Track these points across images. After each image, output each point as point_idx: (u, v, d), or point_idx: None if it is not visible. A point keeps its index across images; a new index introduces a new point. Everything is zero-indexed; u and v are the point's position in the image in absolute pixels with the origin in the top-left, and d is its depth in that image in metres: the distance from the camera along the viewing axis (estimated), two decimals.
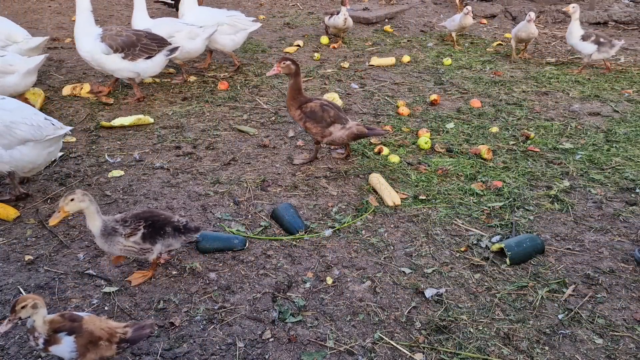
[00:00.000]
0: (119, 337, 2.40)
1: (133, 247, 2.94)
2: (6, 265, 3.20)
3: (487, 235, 3.60)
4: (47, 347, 2.30)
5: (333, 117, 4.28)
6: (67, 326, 2.33)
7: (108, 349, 2.37)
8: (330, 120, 4.27)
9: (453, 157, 4.63)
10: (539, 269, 3.33)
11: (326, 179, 4.27)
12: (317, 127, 4.27)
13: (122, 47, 5.28)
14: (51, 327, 2.31)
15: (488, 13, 9.67)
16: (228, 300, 3.02)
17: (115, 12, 9.24)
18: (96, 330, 2.36)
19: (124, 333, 2.42)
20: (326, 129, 4.28)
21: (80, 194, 2.79)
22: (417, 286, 3.16)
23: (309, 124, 4.28)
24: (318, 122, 4.26)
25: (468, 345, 2.78)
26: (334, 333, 2.83)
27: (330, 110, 4.28)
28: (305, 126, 4.31)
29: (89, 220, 2.88)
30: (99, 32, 5.29)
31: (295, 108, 4.32)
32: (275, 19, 9.19)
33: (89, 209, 2.84)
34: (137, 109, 5.46)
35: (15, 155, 3.63)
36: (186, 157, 4.54)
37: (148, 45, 5.40)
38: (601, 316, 2.97)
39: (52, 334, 2.30)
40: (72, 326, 2.33)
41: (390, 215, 3.84)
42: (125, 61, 5.32)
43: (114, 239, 2.90)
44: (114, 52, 5.26)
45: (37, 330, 2.29)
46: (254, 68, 6.69)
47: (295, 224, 3.61)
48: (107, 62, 5.31)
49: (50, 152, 3.79)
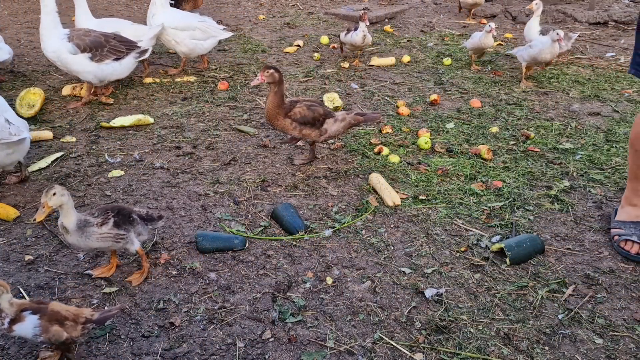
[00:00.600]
0: (84, 318, 2.49)
1: (108, 233, 2.97)
2: (6, 265, 3.21)
3: (487, 235, 3.60)
4: (11, 326, 2.39)
5: (323, 114, 4.23)
6: (33, 307, 2.44)
7: (73, 329, 2.45)
8: (322, 119, 4.22)
9: (453, 157, 4.63)
10: (539, 269, 3.33)
11: (326, 179, 4.27)
12: (315, 131, 4.23)
13: (90, 47, 5.20)
14: (18, 309, 2.41)
15: (488, 13, 9.68)
16: (228, 300, 3.02)
17: (115, 12, 9.24)
18: (62, 311, 2.45)
19: (90, 315, 2.51)
20: (321, 127, 4.25)
21: (60, 188, 2.82)
22: (417, 286, 3.16)
23: (306, 130, 4.21)
24: (313, 125, 4.21)
25: (468, 345, 2.78)
26: (334, 333, 2.83)
27: (317, 108, 4.23)
28: (302, 133, 4.22)
29: (65, 216, 2.90)
30: (66, 32, 5.22)
31: (282, 117, 4.16)
32: (275, 19, 9.19)
33: (68, 204, 2.86)
34: (137, 109, 5.46)
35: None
36: (186, 157, 4.54)
37: (116, 47, 5.33)
38: (601, 316, 2.97)
39: (19, 314, 2.41)
40: (38, 307, 2.44)
41: (390, 215, 3.84)
42: (92, 63, 5.23)
43: (89, 229, 2.93)
44: (81, 52, 5.18)
45: (3, 312, 2.39)
46: (254, 68, 6.69)
47: (295, 224, 3.61)
48: (73, 63, 5.21)
49: (9, 154, 3.74)
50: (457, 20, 9.39)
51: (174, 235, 3.54)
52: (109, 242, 3.00)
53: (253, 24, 8.90)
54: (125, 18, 8.63)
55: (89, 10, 5.94)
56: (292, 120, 4.17)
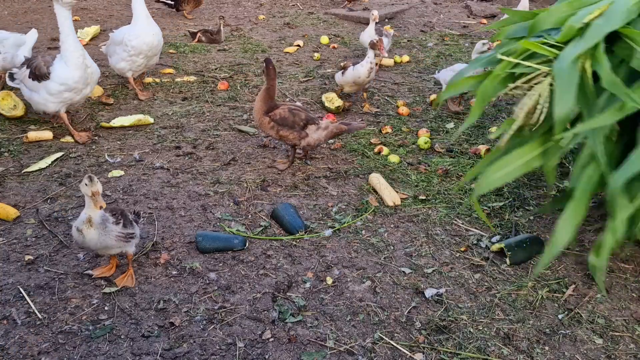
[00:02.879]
0: None
1: (122, 232, 2.98)
2: (6, 265, 3.21)
3: (487, 235, 3.60)
4: None
5: (305, 119, 4.20)
6: None
7: None
8: (303, 124, 4.19)
9: (453, 157, 4.63)
10: (539, 269, 3.33)
11: (326, 179, 4.27)
12: (293, 133, 4.20)
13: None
14: None
15: (488, 13, 9.67)
16: (228, 300, 3.02)
17: (115, 12, 9.24)
18: None
19: None
20: (302, 131, 4.20)
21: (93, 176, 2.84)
22: (417, 286, 3.16)
23: (284, 131, 4.19)
24: (292, 128, 4.18)
25: (468, 345, 2.78)
26: (334, 333, 2.83)
27: (300, 113, 4.21)
28: (280, 135, 4.20)
29: (92, 208, 2.86)
30: None
31: (262, 114, 4.19)
32: (275, 19, 9.19)
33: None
34: (137, 109, 5.46)
35: None
36: (186, 157, 4.54)
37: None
38: (601, 316, 2.97)
39: None
40: None
41: (390, 215, 3.84)
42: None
43: (109, 226, 2.93)
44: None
45: None
46: (254, 68, 6.69)
47: (296, 223, 3.61)
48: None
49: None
50: (457, 20, 9.39)
51: (174, 235, 3.54)
52: (121, 242, 3.00)
53: (253, 24, 8.90)
54: (125, 18, 8.64)
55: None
56: (271, 120, 4.19)
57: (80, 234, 2.90)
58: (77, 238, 2.93)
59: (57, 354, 2.63)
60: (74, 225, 2.93)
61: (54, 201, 3.85)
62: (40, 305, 2.92)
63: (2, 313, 2.86)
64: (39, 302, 2.94)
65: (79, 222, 2.91)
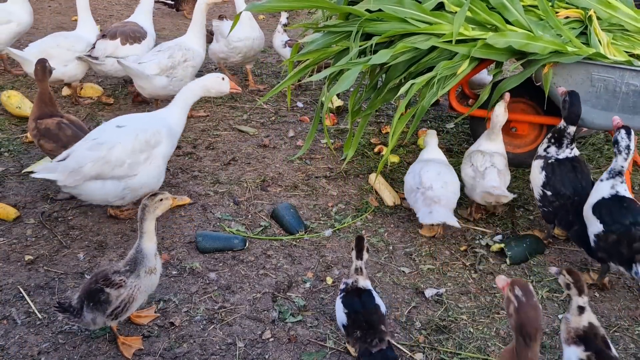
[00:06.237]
0: None
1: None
2: (6, 265, 3.20)
3: (487, 235, 3.60)
4: None
5: (70, 136, 3.78)
6: None
7: None
8: (66, 140, 3.76)
9: (453, 157, 4.63)
10: (539, 269, 3.33)
11: (326, 179, 4.27)
12: (52, 145, 3.82)
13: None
14: None
15: None
16: (228, 300, 3.02)
17: (115, 12, 9.24)
18: None
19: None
20: (62, 149, 3.69)
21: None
22: (417, 286, 3.16)
23: (43, 141, 3.84)
24: (55, 141, 3.81)
25: (468, 345, 2.78)
26: (334, 333, 2.83)
27: (67, 130, 3.83)
28: (39, 144, 3.87)
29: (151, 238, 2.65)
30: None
31: (32, 119, 3.89)
32: (275, 19, 9.19)
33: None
34: (137, 109, 5.45)
35: None
36: (186, 157, 4.54)
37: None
38: (601, 316, 2.97)
39: None
40: None
41: (390, 215, 3.84)
42: None
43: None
44: None
45: None
46: (254, 68, 6.69)
47: (296, 223, 3.61)
48: None
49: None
50: None
51: (174, 235, 3.54)
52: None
53: None
54: (124, 18, 8.64)
55: None
56: (36, 127, 3.86)
57: (148, 276, 2.63)
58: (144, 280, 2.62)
59: (57, 354, 2.63)
60: (146, 266, 2.61)
61: (53, 201, 3.85)
62: (40, 305, 2.91)
63: (2, 313, 2.86)
64: (39, 302, 2.94)
65: (149, 261, 2.61)
